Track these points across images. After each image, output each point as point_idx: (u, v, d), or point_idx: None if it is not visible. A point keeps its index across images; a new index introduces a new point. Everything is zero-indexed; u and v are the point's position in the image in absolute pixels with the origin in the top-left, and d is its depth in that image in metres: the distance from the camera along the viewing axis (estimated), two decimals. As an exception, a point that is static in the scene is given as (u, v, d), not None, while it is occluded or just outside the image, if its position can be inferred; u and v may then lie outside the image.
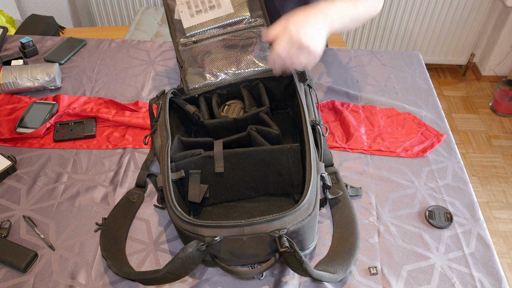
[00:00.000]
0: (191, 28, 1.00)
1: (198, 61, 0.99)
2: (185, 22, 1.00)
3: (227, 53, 0.99)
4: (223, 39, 1.00)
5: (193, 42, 1.00)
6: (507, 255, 1.80)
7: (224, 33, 1.01)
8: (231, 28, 1.01)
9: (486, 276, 0.79)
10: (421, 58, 1.31)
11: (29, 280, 0.77)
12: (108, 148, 1.01)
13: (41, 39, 1.33)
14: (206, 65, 0.99)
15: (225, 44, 1.00)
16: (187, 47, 1.00)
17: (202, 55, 1.00)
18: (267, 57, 1.00)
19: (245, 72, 0.99)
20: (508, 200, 2.02)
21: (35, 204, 0.89)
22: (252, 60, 0.99)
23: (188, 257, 0.68)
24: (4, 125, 1.05)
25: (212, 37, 1.00)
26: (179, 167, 0.83)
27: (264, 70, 0.99)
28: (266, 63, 1.00)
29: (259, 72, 0.99)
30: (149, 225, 0.86)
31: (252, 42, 1.00)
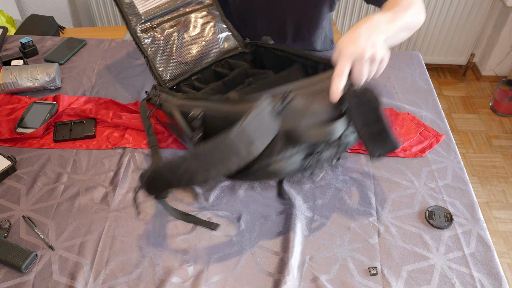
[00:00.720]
0: (147, 12, 0.96)
1: (163, 49, 0.97)
2: (140, 5, 0.96)
3: (190, 37, 0.99)
4: (182, 22, 0.99)
5: (151, 28, 0.97)
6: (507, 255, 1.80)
7: (180, 15, 1.00)
8: (185, 9, 1.01)
9: (486, 277, 0.79)
10: (421, 58, 1.31)
11: (29, 280, 0.77)
12: (108, 148, 1.01)
13: (41, 39, 1.33)
14: (174, 52, 0.97)
15: (186, 27, 0.99)
16: (147, 34, 0.96)
17: (166, 41, 0.97)
18: (226, 36, 1.03)
19: (213, 54, 1.01)
20: (508, 200, 2.02)
21: (35, 204, 0.89)
22: (216, 40, 1.00)
23: (260, 116, 0.60)
24: (4, 125, 1.05)
25: (170, 20, 0.98)
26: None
27: (228, 49, 1.02)
28: (228, 43, 1.02)
29: (225, 51, 1.02)
30: (149, 226, 0.86)
31: (209, 21, 1.01)
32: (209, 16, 1.02)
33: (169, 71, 0.96)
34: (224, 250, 0.82)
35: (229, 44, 1.03)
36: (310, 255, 0.82)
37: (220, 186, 0.93)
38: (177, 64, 0.97)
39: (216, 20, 1.03)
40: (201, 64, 0.99)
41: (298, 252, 0.81)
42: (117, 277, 0.78)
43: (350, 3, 2.36)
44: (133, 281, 0.77)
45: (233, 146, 0.63)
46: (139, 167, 0.97)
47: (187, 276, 0.78)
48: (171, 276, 0.78)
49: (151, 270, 0.79)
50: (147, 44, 0.96)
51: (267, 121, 0.65)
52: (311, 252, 0.82)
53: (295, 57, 0.95)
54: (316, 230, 0.85)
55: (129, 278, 0.77)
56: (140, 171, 0.96)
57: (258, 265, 0.80)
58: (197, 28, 1.00)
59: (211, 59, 1.00)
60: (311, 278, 0.78)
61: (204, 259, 0.81)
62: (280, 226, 0.86)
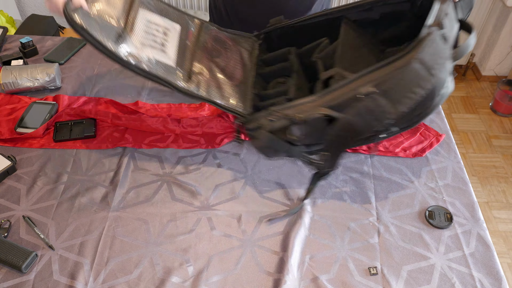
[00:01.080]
0: (176, 61, 0.94)
1: (216, 85, 0.94)
2: (169, 61, 0.92)
3: (220, 58, 0.98)
4: (203, 52, 0.97)
5: (189, 76, 0.93)
6: (507, 255, 1.80)
7: (195, 48, 0.97)
8: (190, 39, 0.98)
9: (486, 276, 0.79)
10: (421, 58, 1.31)
11: (29, 280, 0.77)
12: (108, 148, 1.01)
13: (41, 39, 1.33)
14: (225, 81, 0.95)
15: (210, 54, 0.98)
16: (192, 83, 0.91)
17: (211, 77, 0.95)
18: (238, 39, 1.02)
19: (246, 59, 1.00)
20: (508, 200, 2.02)
21: (35, 204, 0.89)
22: (238, 48, 0.99)
23: (433, 43, 0.67)
24: (4, 125, 1.05)
25: (194, 57, 0.96)
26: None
27: (249, 49, 1.01)
28: (245, 43, 1.01)
29: (249, 52, 1.01)
30: (149, 226, 0.86)
31: (219, 36, 1.00)
32: (213, 32, 1.01)
33: (238, 97, 0.93)
34: (224, 250, 0.82)
35: (247, 44, 1.02)
36: (310, 254, 0.82)
37: (220, 186, 0.93)
38: (233, 87, 0.94)
39: (222, 31, 1.02)
40: (248, 75, 0.96)
41: (298, 252, 0.81)
42: (117, 277, 0.78)
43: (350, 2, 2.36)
44: (133, 281, 0.77)
45: (415, 75, 0.70)
46: (139, 167, 0.97)
47: (187, 276, 0.78)
48: (171, 276, 0.78)
49: (151, 270, 0.79)
50: (199, 91, 0.90)
51: (440, 46, 0.70)
52: (311, 251, 0.82)
53: (331, 15, 0.92)
54: (316, 230, 0.85)
55: (129, 278, 0.77)
56: (140, 171, 0.96)
57: (258, 265, 0.80)
58: (218, 49, 0.99)
59: (249, 65, 0.98)
60: (311, 277, 0.78)
61: (204, 259, 0.81)
62: (280, 226, 0.86)
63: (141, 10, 0.92)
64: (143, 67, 0.85)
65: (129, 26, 0.89)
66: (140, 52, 0.86)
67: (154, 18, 0.94)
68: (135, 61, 0.84)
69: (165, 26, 0.94)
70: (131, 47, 0.86)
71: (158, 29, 0.92)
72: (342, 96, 0.75)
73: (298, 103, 0.78)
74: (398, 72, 0.70)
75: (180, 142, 1.02)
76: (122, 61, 0.83)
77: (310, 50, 0.96)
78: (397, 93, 0.71)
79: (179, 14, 0.98)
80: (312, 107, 0.77)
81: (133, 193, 0.91)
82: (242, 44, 1.02)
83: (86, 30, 0.79)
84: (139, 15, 0.91)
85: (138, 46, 0.87)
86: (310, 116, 0.75)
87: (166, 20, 0.95)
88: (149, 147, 1.01)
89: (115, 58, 0.83)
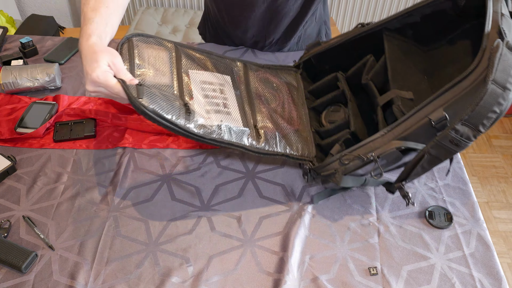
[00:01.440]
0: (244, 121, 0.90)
1: (280, 136, 0.88)
2: (234, 123, 0.86)
3: (276, 104, 0.93)
4: (257, 95, 0.92)
5: (257, 130, 0.87)
6: (507, 255, 1.80)
7: (247, 99, 0.92)
8: (237, 89, 0.92)
9: (486, 276, 0.79)
10: (421, 58, 1.31)
11: (29, 280, 0.77)
12: (108, 148, 1.01)
13: (41, 39, 1.33)
14: (289, 130, 0.90)
15: (262, 99, 0.93)
16: (260, 139, 0.86)
17: (275, 128, 0.89)
18: (282, 74, 0.97)
19: (296, 95, 0.96)
20: (508, 200, 2.02)
21: (35, 204, 0.89)
22: (284, 85, 0.95)
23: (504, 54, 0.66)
24: (4, 125, 1.05)
25: (253, 107, 0.90)
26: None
27: (293, 84, 0.97)
28: (289, 78, 0.97)
29: (295, 88, 0.97)
30: (148, 226, 0.86)
31: (266, 77, 0.94)
32: (257, 73, 0.96)
33: (303, 142, 0.88)
34: (224, 250, 0.82)
35: (290, 77, 0.98)
36: (310, 254, 0.82)
37: (220, 186, 0.93)
38: (295, 132, 0.89)
39: (263, 68, 0.96)
40: (302, 114, 0.91)
41: (298, 252, 0.81)
42: (117, 277, 0.78)
43: (350, 3, 2.36)
44: (133, 281, 0.77)
45: (492, 96, 0.67)
46: (139, 167, 0.97)
47: (187, 276, 0.78)
48: (171, 276, 0.78)
49: (151, 270, 0.79)
50: (272, 146, 0.84)
51: (509, 59, 0.68)
52: (311, 252, 0.82)
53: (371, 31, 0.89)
54: (316, 230, 0.85)
55: (129, 278, 0.77)
56: (140, 171, 0.96)
57: (258, 265, 0.80)
58: (270, 92, 0.93)
59: (299, 102, 0.93)
60: (311, 278, 0.78)
61: (204, 259, 0.81)
62: (280, 226, 0.86)
63: (191, 72, 0.86)
64: (215, 137, 0.78)
65: (187, 94, 0.82)
66: (210, 122, 0.79)
67: (206, 76, 0.88)
68: (206, 132, 0.77)
69: (218, 83, 0.88)
70: (200, 119, 0.78)
71: (214, 88, 0.86)
72: (414, 126, 0.73)
73: (368, 141, 0.76)
74: (473, 96, 0.69)
75: (180, 142, 1.02)
76: (196, 136, 0.76)
77: (357, 71, 0.92)
78: (476, 118, 0.69)
79: (221, 60, 0.94)
80: (386, 142, 0.75)
81: (133, 193, 0.91)
82: (285, 78, 0.97)
83: (159, 114, 0.72)
84: (191, 78, 0.85)
85: (205, 115, 0.80)
86: (384, 152, 0.74)
87: (216, 75, 0.90)
88: (149, 147, 1.01)
89: (189, 135, 0.76)
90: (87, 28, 0.78)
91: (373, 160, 0.74)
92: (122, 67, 0.76)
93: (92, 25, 0.78)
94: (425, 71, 0.88)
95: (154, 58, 0.83)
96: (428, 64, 0.90)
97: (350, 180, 0.80)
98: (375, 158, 0.73)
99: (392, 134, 0.75)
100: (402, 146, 0.73)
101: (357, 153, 0.76)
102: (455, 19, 0.88)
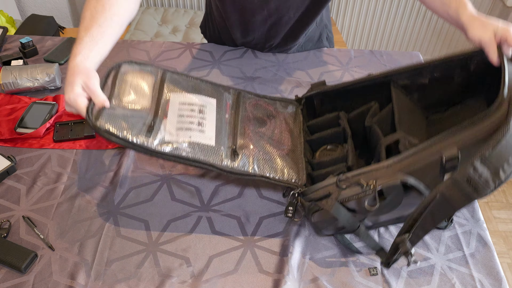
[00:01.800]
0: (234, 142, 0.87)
1: (264, 158, 0.85)
2: (222, 143, 0.85)
3: (266, 128, 0.90)
4: (245, 119, 0.90)
5: (234, 152, 0.83)
6: (507, 255, 1.80)
7: (239, 122, 0.90)
8: (227, 112, 0.91)
9: (486, 277, 0.79)
10: (421, 58, 1.31)
11: (28, 281, 0.77)
12: (108, 148, 1.01)
13: (41, 39, 1.33)
14: (276, 153, 0.86)
15: (251, 123, 0.90)
16: (238, 160, 0.82)
17: (258, 150, 0.85)
18: (281, 104, 0.96)
19: (295, 127, 0.92)
20: (508, 200, 2.02)
21: (34, 204, 0.89)
22: (282, 115, 0.92)
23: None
24: (4, 125, 1.05)
25: (236, 133, 0.87)
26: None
27: (292, 116, 0.94)
28: (287, 108, 0.94)
29: (293, 117, 0.94)
30: (148, 226, 0.86)
31: (260, 104, 0.92)
32: (252, 101, 0.94)
33: (292, 168, 0.82)
34: (224, 250, 0.82)
35: (289, 109, 0.95)
36: (310, 255, 0.82)
37: (220, 187, 0.93)
38: (284, 157, 0.84)
39: (261, 98, 0.95)
40: (296, 142, 0.87)
41: (298, 252, 0.81)
42: (117, 277, 0.78)
43: (350, 3, 2.36)
44: (133, 281, 0.77)
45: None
46: (139, 167, 0.97)
47: (187, 276, 0.78)
48: (171, 276, 0.78)
49: (151, 270, 0.79)
50: (248, 167, 0.81)
51: None
52: (311, 252, 0.82)
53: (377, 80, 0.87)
54: (316, 230, 0.85)
55: (129, 278, 0.77)
56: (140, 171, 0.96)
57: (258, 265, 0.80)
58: (261, 118, 0.90)
59: (295, 132, 0.89)
60: (311, 278, 0.78)
61: (204, 259, 0.81)
62: (280, 226, 0.86)
63: (172, 94, 0.86)
64: (180, 154, 0.77)
65: (161, 114, 0.82)
66: (176, 138, 0.79)
67: (187, 98, 0.87)
68: (170, 149, 0.77)
69: (200, 104, 0.87)
70: (166, 136, 0.78)
71: (193, 108, 0.85)
72: (423, 161, 0.66)
73: (371, 169, 0.68)
74: (492, 139, 0.62)
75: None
76: (153, 152, 0.76)
77: (359, 115, 0.89)
78: (496, 159, 0.61)
79: (212, 87, 0.92)
80: (390, 173, 0.67)
81: (133, 193, 0.91)
82: (283, 109, 0.94)
83: (112, 133, 0.74)
84: (171, 99, 0.85)
85: (173, 133, 0.80)
86: (387, 183, 0.65)
87: (200, 97, 0.88)
88: (149, 147, 1.01)
89: (145, 151, 0.76)
90: (75, 48, 0.79)
91: (373, 191, 0.66)
92: (95, 89, 0.76)
93: (81, 45, 0.79)
94: (428, 132, 0.85)
95: (137, 83, 0.84)
96: (430, 128, 0.88)
97: (342, 212, 0.70)
98: (375, 187, 0.65)
99: (398, 166, 0.67)
100: (407, 181, 0.65)
101: (358, 179, 0.68)
102: (461, 90, 0.86)
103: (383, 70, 0.88)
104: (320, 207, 0.70)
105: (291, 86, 1.19)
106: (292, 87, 1.18)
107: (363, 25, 2.42)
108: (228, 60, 1.27)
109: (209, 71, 1.23)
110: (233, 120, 0.88)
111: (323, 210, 0.71)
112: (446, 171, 0.65)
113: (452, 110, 0.88)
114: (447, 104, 0.89)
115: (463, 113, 0.86)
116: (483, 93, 0.84)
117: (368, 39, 2.48)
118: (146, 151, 0.76)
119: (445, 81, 0.85)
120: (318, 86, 0.94)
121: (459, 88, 0.86)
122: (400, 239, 0.70)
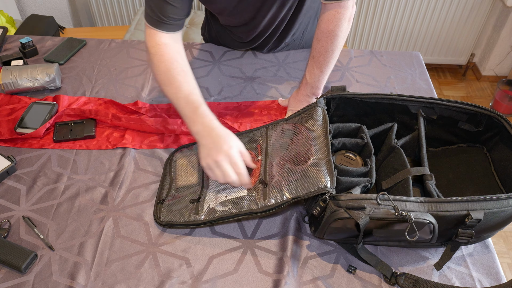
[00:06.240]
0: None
1: (283, 178, 0.83)
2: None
3: (284, 141, 0.90)
4: (273, 152, 0.90)
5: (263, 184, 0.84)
6: (507, 255, 1.80)
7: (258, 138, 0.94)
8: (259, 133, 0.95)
9: (486, 277, 0.79)
10: (421, 58, 1.31)
11: (28, 281, 0.77)
12: (108, 148, 1.01)
13: (41, 39, 1.33)
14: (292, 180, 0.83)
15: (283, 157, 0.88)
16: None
17: (276, 171, 0.85)
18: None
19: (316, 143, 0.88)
20: (508, 200, 2.01)
21: (34, 204, 0.89)
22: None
23: None
24: (4, 125, 1.05)
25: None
26: None
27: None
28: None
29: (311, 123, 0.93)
30: (148, 226, 0.86)
31: (289, 128, 0.92)
32: (279, 127, 0.93)
33: (321, 173, 0.78)
34: (224, 251, 0.82)
35: (314, 114, 0.91)
36: (310, 255, 0.82)
37: (220, 186, 0.93)
38: (311, 167, 0.80)
39: (288, 121, 0.93)
40: (323, 145, 0.85)
41: (297, 253, 0.81)
42: (117, 277, 0.78)
43: (350, 3, 2.35)
44: (133, 282, 0.77)
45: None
46: (139, 167, 0.97)
47: (187, 276, 0.78)
48: (171, 276, 0.78)
49: (151, 270, 0.79)
50: (283, 197, 0.79)
51: None
52: (311, 252, 0.82)
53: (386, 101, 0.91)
54: (316, 230, 0.85)
55: (129, 279, 0.77)
56: (140, 171, 0.96)
57: (258, 265, 0.80)
58: (285, 142, 0.89)
59: (323, 132, 0.87)
60: (311, 278, 0.78)
61: (204, 259, 0.81)
62: (280, 226, 0.86)
63: None
64: (219, 216, 0.82)
65: (205, 185, 0.89)
66: (216, 202, 0.84)
67: None
68: (210, 216, 0.83)
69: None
70: (211, 204, 0.85)
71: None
72: (451, 212, 0.73)
73: (405, 199, 0.73)
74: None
75: (180, 142, 1.02)
76: (205, 223, 0.83)
77: (380, 133, 0.93)
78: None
79: (244, 137, 0.95)
80: (420, 210, 0.72)
81: (133, 194, 0.91)
82: (308, 119, 0.90)
83: (170, 223, 0.84)
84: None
85: (213, 198, 0.85)
86: (419, 220, 0.70)
87: None
88: (149, 147, 1.01)
89: (196, 226, 0.84)
90: (207, 110, 0.88)
91: (406, 219, 0.70)
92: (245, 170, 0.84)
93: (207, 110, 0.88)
94: (431, 167, 0.89)
95: (187, 164, 0.95)
96: (433, 163, 0.93)
97: (362, 226, 0.72)
98: (411, 219, 0.70)
99: (428, 206, 0.73)
100: (435, 225, 0.72)
101: (395, 204, 0.71)
102: (460, 135, 0.92)
103: (402, 93, 0.96)
104: (348, 215, 0.71)
105: (291, 86, 1.19)
106: (292, 87, 1.18)
107: (363, 25, 2.42)
108: (228, 60, 1.27)
109: (209, 71, 1.23)
110: (264, 159, 0.89)
111: (349, 219, 0.72)
112: (467, 227, 0.74)
113: (444, 148, 0.95)
114: (444, 143, 0.95)
115: (456, 156, 0.94)
116: (479, 143, 0.92)
117: (368, 39, 2.48)
118: (194, 226, 0.84)
119: (449, 122, 0.91)
120: (338, 90, 0.95)
121: (459, 133, 0.92)
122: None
